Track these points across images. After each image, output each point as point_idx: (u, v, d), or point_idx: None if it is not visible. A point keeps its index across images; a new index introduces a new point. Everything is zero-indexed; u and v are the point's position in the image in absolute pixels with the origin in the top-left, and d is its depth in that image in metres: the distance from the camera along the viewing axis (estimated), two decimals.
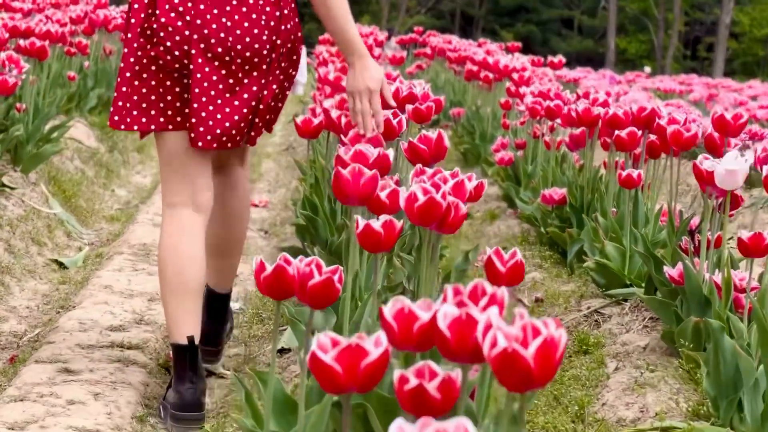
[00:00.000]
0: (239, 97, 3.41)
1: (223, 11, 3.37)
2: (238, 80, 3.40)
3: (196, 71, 3.35)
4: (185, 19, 3.35)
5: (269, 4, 3.43)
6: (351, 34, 3.53)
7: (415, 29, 16.41)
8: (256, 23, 3.39)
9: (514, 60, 8.39)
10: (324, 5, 3.47)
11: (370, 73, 3.55)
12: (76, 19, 8.93)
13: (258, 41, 3.39)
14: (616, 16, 48.17)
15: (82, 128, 8.47)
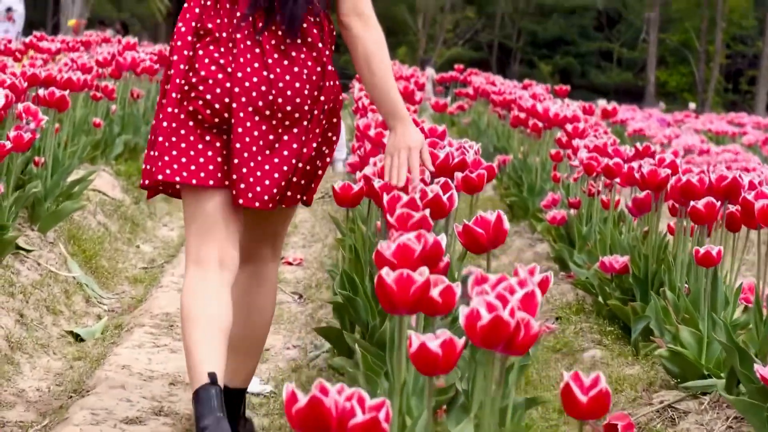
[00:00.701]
0: (279, 154, 3.29)
1: (264, 64, 3.25)
2: (278, 136, 3.28)
3: (237, 126, 3.23)
4: (226, 71, 3.23)
5: (311, 58, 3.31)
6: (394, 99, 3.45)
7: (456, 67, 15.98)
8: (298, 77, 3.28)
9: (563, 107, 7.88)
10: (368, 69, 3.40)
11: (412, 134, 3.48)
12: (103, 62, 8.51)
13: (300, 95, 3.27)
14: (657, 49, 47.55)
15: (107, 178, 8.03)
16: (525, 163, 8.56)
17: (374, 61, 3.40)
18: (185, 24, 3.32)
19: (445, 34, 50.40)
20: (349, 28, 3.38)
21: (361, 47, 3.39)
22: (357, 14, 3.38)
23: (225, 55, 3.25)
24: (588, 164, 6.13)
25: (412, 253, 2.91)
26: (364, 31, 3.39)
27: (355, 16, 3.37)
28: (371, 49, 3.39)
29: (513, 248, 7.62)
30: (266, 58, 3.25)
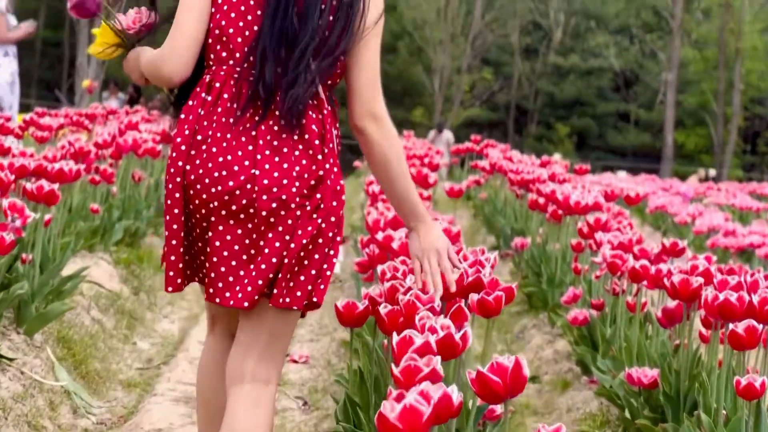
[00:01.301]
0: (261, 252, 3.14)
1: (253, 162, 3.13)
2: (262, 234, 3.15)
3: (218, 224, 3.15)
4: (213, 175, 3.14)
5: (305, 156, 3.17)
6: (414, 202, 3.39)
7: (472, 138, 15.62)
8: (287, 173, 3.14)
9: (584, 193, 7.48)
10: (386, 174, 3.32)
11: (436, 234, 3.42)
12: (103, 145, 8.16)
13: (286, 192, 3.13)
14: (674, 111, 47.27)
15: (105, 267, 7.64)
16: (544, 251, 8.15)
17: (391, 166, 3.30)
18: (188, 123, 3.21)
19: (461, 95, 50.23)
20: (364, 132, 3.26)
21: (378, 152, 3.28)
22: (372, 117, 3.25)
23: (215, 156, 3.15)
24: (612, 263, 5.73)
25: (420, 416, 2.53)
26: (380, 135, 3.26)
27: (370, 118, 3.25)
28: (388, 154, 3.28)
29: (531, 345, 7.20)
30: (256, 154, 3.14)
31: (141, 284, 7.87)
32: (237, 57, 3.20)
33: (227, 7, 3.20)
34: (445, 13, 49.13)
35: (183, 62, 3.20)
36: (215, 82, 3.20)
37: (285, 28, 3.14)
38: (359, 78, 3.24)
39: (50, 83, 47.95)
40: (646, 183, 20.49)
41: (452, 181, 19.18)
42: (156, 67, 3.22)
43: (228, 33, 3.20)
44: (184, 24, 3.20)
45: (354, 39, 3.20)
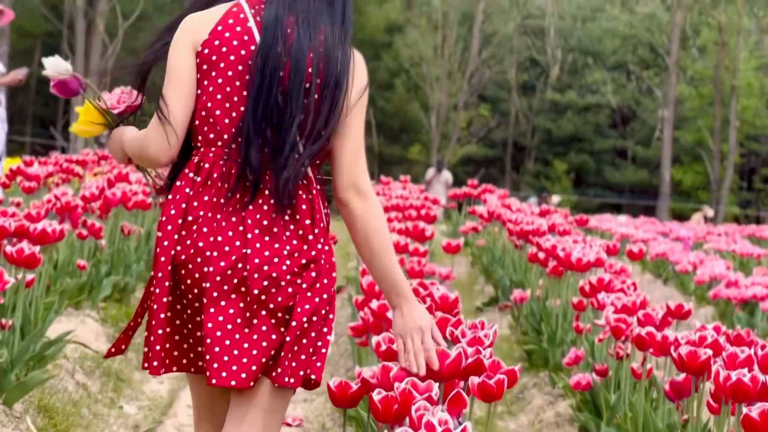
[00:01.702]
0: (257, 331, 3.10)
1: (244, 242, 3.10)
2: (255, 313, 3.10)
3: (210, 305, 3.08)
4: (205, 255, 3.10)
5: (296, 236, 3.14)
6: (396, 277, 3.29)
7: (469, 182, 15.43)
8: (278, 252, 3.10)
9: (586, 248, 7.25)
10: (368, 248, 3.24)
11: (420, 312, 3.33)
12: (90, 198, 7.94)
13: (277, 270, 3.09)
14: (671, 147, 47.15)
15: (92, 325, 7.42)
16: (544, 307, 7.92)
17: (374, 240, 3.24)
18: (175, 205, 3.16)
19: (458, 132, 50.04)
20: (347, 205, 3.21)
21: (360, 225, 3.22)
22: (355, 190, 3.21)
23: (206, 237, 3.12)
24: (616, 327, 5.51)
25: None
26: (363, 209, 3.22)
27: (354, 192, 3.21)
28: (371, 228, 3.23)
29: (532, 406, 6.97)
30: (247, 234, 3.10)
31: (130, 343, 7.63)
32: (225, 138, 3.16)
33: (213, 89, 3.16)
34: (442, 50, 49.04)
35: (169, 144, 3.17)
36: (204, 163, 3.17)
37: (269, 108, 3.12)
38: (343, 151, 3.20)
39: (45, 120, 47.78)
40: (645, 225, 20.31)
41: (449, 224, 19.01)
42: (142, 148, 3.20)
43: (215, 115, 3.16)
44: (169, 104, 3.16)
45: (341, 117, 3.17)
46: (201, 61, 3.17)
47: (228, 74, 3.16)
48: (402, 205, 10.07)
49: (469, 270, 13.41)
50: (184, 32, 3.21)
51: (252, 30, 3.17)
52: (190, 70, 3.18)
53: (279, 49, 3.13)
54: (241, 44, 3.16)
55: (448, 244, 7.80)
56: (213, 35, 3.17)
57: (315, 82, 3.13)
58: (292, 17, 3.16)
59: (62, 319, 7.33)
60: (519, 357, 8.09)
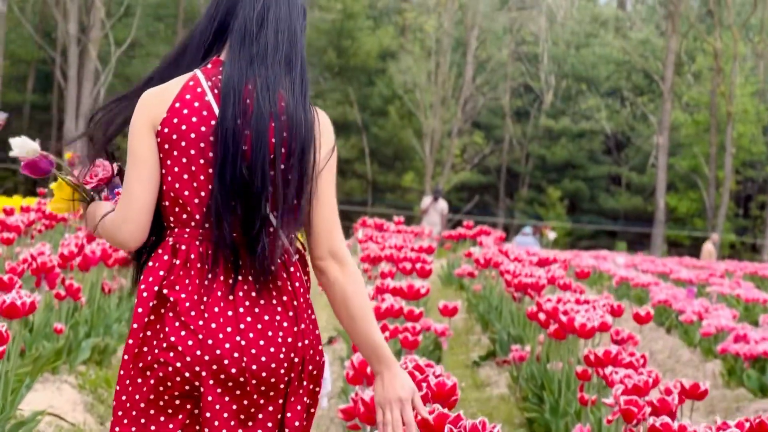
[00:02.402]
0: (255, 419, 3.07)
1: (236, 329, 3.03)
2: (254, 402, 3.06)
3: (208, 394, 3.01)
4: (197, 337, 3.01)
5: (287, 319, 3.08)
6: (376, 341, 3.23)
7: (465, 223, 15.05)
8: (273, 341, 3.05)
9: (590, 312, 6.87)
10: (347, 313, 3.20)
11: (401, 381, 3.24)
12: (68, 257, 7.55)
13: (275, 360, 3.05)
14: (666, 174, 46.82)
15: (68, 393, 7.02)
16: (545, 372, 7.53)
17: (353, 305, 3.18)
18: (148, 288, 3.07)
19: (452, 159, 49.71)
20: (325, 272, 3.17)
21: (339, 292, 3.17)
22: (333, 257, 3.16)
23: (195, 320, 3.02)
24: (627, 411, 5.14)
25: None
26: (342, 275, 3.17)
27: (331, 259, 3.16)
28: (349, 293, 3.17)
29: None
30: (239, 323, 3.02)
31: (108, 410, 7.24)
32: (197, 219, 3.08)
33: (178, 169, 3.07)
34: (435, 77, 48.76)
35: (135, 228, 3.09)
36: (180, 245, 3.09)
37: (236, 184, 3.03)
38: (318, 218, 3.14)
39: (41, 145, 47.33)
40: (644, 264, 19.92)
41: (441, 258, 18.64)
42: (110, 234, 3.14)
43: (183, 196, 3.08)
44: (132, 189, 3.08)
45: (311, 185, 3.09)
46: (162, 141, 3.08)
47: (191, 153, 3.06)
48: (396, 257, 9.68)
49: (465, 317, 13.01)
50: (141, 111, 3.10)
51: (210, 104, 3.08)
52: (150, 152, 3.08)
53: (239, 121, 3.04)
54: (200, 120, 3.07)
55: (445, 306, 7.41)
56: (171, 113, 3.07)
57: (280, 152, 3.05)
58: (250, 85, 3.07)
59: (38, 386, 6.95)
60: (519, 423, 7.70)
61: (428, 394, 4.64)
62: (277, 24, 3.15)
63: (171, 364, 3.01)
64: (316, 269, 3.19)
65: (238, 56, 3.10)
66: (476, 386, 9.20)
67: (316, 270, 3.19)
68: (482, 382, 9.30)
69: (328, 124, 3.18)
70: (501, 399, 8.43)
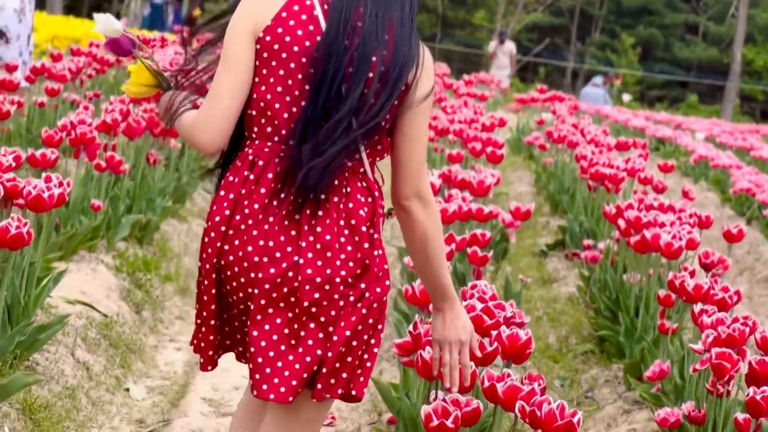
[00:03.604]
0: (303, 344, 3.03)
1: (296, 248, 3.00)
2: (303, 325, 3.02)
3: (256, 313, 3.02)
4: (252, 258, 3.01)
5: (352, 243, 3.04)
6: (445, 283, 3.24)
7: (538, 87, 14.26)
8: (331, 263, 3.01)
9: (678, 230, 6.18)
10: (424, 254, 3.19)
11: (462, 322, 3.28)
12: (112, 124, 6.94)
13: (330, 282, 3.01)
14: (746, 25, 45.35)
15: (103, 276, 6.49)
16: (621, 285, 6.88)
17: (431, 247, 3.17)
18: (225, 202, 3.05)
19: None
20: (409, 211, 3.14)
21: (420, 232, 3.15)
22: (418, 197, 3.13)
23: (256, 240, 3.02)
24: (719, 366, 4.52)
25: None
26: (425, 215, 3.14)
27: (416, 198, 3.13)
28: (430, 235, 3.16)
29: (603, 414, 5.99)
30: (300, 241, 3.00)
31: (146, 296, 6.72)
32: (282, 134, 3.04)
33: (273, 80, 3.01)
34: None
35: (218, 133, 3.03)
36: (259, 160, 3.05)
37: (331, 102, 2.97)
38: (405, 156, 3.10)
39: None
40: (723, 136, 18.97)
41: (514, 91, 17.80)
42: (190, 134, 3.06)
43: (273, 108, 3.03)
44: (221, 93, 3.01)
45: (402, 111, 3.04)
46: (261, 49, 3.01)
47: (290, 66, 3.00)
48: (466, 135, 8.93)
49: (533, 191, 12.34)
50: (244, 15, 3.03)
51: (318, 19, 3.01)
52: (247, 58, 3.02)
53: (346, 42, 2.97)
54: (306, 34, 3.00)
55: (517, 209, 6.70)
56: (276, 22, 3.00)
57: (379, 71, 2.98)
58: (361, 7, 3.00)
59: (72, 266, 6.42)
60: (588, 336, 7.10)
61: (499, 349, 4.04)
62: None
63: (228, 282, 3.05)
64: (397, 206, 3.15)
65: None
66: (542, 281, 8.59)
67: (397, 207, 3.15)
68: (549, 276, 8.68)
69: (430, 65, 3.11)
70: (569, 301, 7.82)
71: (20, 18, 9.32)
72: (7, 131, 8.12)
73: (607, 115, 21.07)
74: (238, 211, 3.03)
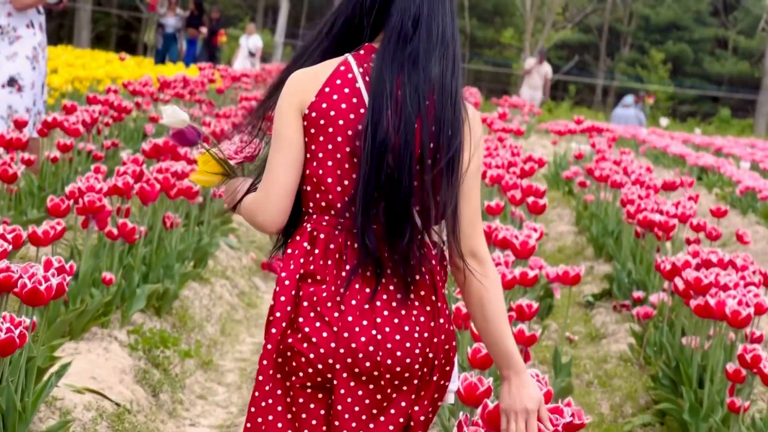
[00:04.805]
0: (386, 413, 3.04)
1: (372, 323, 2.99)
2: (387, 396, 3.02)
3: (340, 387, 3.00)
4: (332, 330, 2.99)
5: (424, 313, 3.04)
6: (509, 346, 3.14)
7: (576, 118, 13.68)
8: (409, 336, 3.02)
9: (744, 294, 5.63)
10: (482, 315, 3.13)
11: (528, 391, 3.15)
12: (123, 188, 6.42)
13: (410, 356, 3.01)
14: None
15: (117, 355, 5.97)
16: (681, 351, 6.30)
17: (489, 308, 3.12)
18: (289, 276, 3.05)
19: (553, 17, 48.06)
20: (464, 271, 3.11)
21: (476, 292, 3.12)
22: (473, 256, 3.10)
23: (331, 311, 3.01)
24: None
25: None
26: (482, 275, 3.11)
27: (472, 258, 3.10)
28: (488, 297, 3.12)
29: None
30: (375, 317, 3.00)
31: (164, 376, 6.19)
32: (338, 207, 3.06)
33: (323, 155, 3.04)
34: None
35: (276, 212, 3.08)
36: (319, 233, 3.07)
37: (382, 177, 2.98)
38: (462, 215, 3.08)
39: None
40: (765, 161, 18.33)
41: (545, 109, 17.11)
42: (250, 215, 3.12)
43: (326, 182, 3.06)
44: (276, 171, 3.06)
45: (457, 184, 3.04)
46: (309, 125, 3.05)
47: (338, 139, 3.04)
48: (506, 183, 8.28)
49: (573, 229, 11.74)
50: (289, 95, 3.08)
51: (361, 91, 3.04)
52: (297, 135, 3.07)
53: (389, 111, 2.98)
54: (349, 107, 3.03)
55: (566, 273, 6.17)
56: (320, 97, 3.04)
57: (428, 148, 2.99)
58: (402, 77, 3.01)
59: (82, 346, 5.92)
60: (645, 404, 6.52)
61: None
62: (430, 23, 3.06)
63: (305, 354, 3.00)
64: (453, 267, 3.13)
65: (392, 53, 3.02)
66: (590, 337, 8.01)
67: (453, 267, 3.14)
68: (597, 332, 8.09)
69: (478, 122, 3.12)
70: (621, 361, 7.24)
71: (33, 65, 8.86)
72: (17, 192, 7.62)
73: (644, 140, 20.46)
74: (306, 285, 3.03)
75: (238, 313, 7.86)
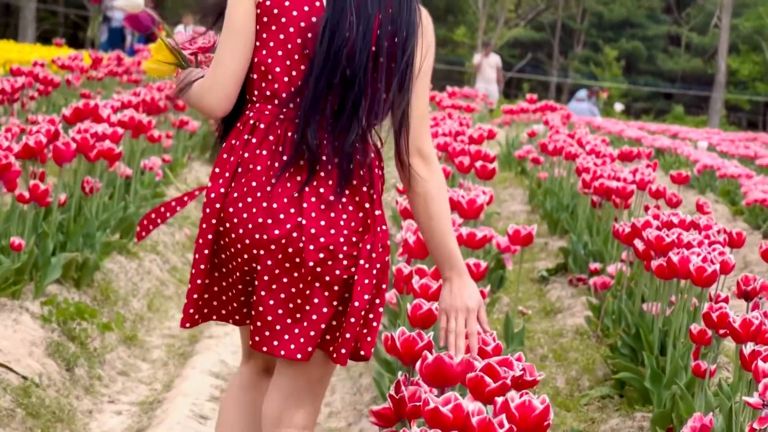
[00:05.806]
0: (310, 303, 3.09)
1: (299, 210, 3.07)
2: (309, 284, 3.08)
3: (263, 273, 3.08)
4: (256, 219, 3.06)
5: (352, 203, 3.11)
6: (451, 246, 3.24)
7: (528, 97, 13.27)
8: (334, 223, 3.09)
9: (708, 253, 5.19)
10: (426, 212, 3.21)
11: (469, 291, 3.27)
12: (35, 148, 5.90)
13: (334, 242, 3.08)
14: (729, 35, 44.83)
15: (28, 327, 5.46)
16: (642, 317, 5.86)
17: (434, 205, 3.19)
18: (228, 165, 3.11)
19: (506, 14, 47.86)
20: (410, 169, 3.16)
21: (422, 189, 3.18)
22: (419, 154, 3.17)
23: (260, 201, 3.07)
24: None
25: None
26: (427, 172, 3.18)
27: (418, 156, 3.17)
28: (432, 193, 3.19)
29: None
30: (302, 202, 3.07)
31: (81, 350, 5.68)
32: (282, 97, 3.10)
33: (273, 44, 3.09)
34: None
35: (223, 96, 3.12)
36: (260, 123, 3.12)
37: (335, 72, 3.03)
38: (410, 112, 3.13)
39: None
40: (724, 144, 17.97)
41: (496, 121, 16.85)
42: (197, 100, 3.14)
43: (273, 71, 3.11)
44: (224, 58, 3.10)
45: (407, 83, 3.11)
46: (261, 13, 3.09)
47: (290, 30, 3.09)
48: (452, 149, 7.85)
49: (527, 208, 11.30)
50: None
51: None
52: (248, 22, 3.10)
53: (350, 10, 3.04)
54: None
55: (517, 232, 5.66)
56: None
57: (382, 44, 3.07)
58: None
59: None
60: (603, 376, 6.07)
61: (512, 429, 3.02)
62: None
63: (233, 245, 3.07)
64: (399, 164, 3.17)
65: None
66: (545, 312, 7.55)
67: (399, 165, 3.17)
68: (552, 306, 7.63)
69: (430, 25, 3.19)
70: (577, 334, 6.78)
71: None
72: None
73: (599, 126, 20.11)
74: (241, 174, 3.09)
75: (169, 289, 7.35)
